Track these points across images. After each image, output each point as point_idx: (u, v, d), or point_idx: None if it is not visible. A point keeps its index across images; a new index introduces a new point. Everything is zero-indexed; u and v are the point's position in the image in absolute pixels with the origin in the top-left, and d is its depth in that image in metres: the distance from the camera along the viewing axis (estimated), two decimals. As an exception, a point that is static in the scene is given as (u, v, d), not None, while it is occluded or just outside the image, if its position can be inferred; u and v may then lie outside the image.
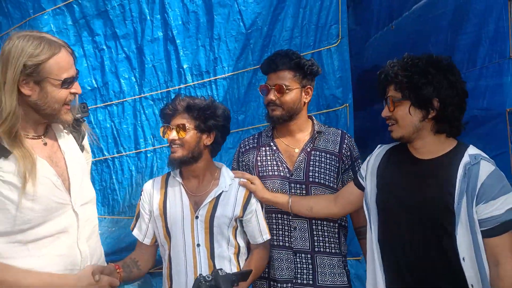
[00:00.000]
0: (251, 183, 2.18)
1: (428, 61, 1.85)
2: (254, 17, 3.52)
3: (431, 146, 1.87)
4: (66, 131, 1.88)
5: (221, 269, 1.87)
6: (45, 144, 1.76)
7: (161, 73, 3.71)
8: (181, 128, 2.01)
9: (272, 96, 2.24)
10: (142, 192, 2.17)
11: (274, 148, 2.34)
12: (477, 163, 1.75)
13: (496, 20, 3.38)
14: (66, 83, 1.68)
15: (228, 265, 2.04)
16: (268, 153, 2.35)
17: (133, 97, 3.77)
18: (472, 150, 1.84)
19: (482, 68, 3.56)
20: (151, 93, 3.74)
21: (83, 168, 1.88)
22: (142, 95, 3.75)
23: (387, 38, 5.33)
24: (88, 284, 1.70)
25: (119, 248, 3.63)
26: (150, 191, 2.14)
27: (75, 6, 3.65)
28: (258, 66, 3.59)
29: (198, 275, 1.88)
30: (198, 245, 2.03)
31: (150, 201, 2.13)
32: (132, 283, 3.70)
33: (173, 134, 2.00)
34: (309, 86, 2.32)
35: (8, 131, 1.60)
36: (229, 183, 2.11)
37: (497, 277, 1.69)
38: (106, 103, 3.83)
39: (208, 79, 3.65)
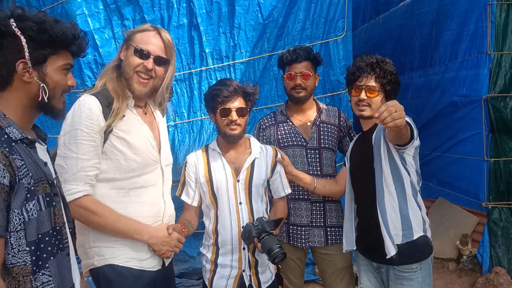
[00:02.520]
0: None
1: (391, 63, 2.43)
2: (271, 9, 3.97)
3: (374, 120, 2.39)
4: (156, 107, 2.32)
5: (264, 217, 2.38)
6: (145, 113, 2.21)
7: (184, 56, 4.11)
8: (243, 110, 2.41)
9: (299, 81, 2.78)
10: (187, 164, 2.54)
11: (291, 124, 2.90)
12: None
13: (476, 21, 3.99)
14: (138, 52, 2.05)
15: None
16: (285, 128, 2.90)
17: (157, 77, 4.17)
18: None
19: (463, 61, 4.18)
20: (174, 74, 4.14)
21: (167, 137, 2.34)
22: (167, 75, 4.15)
23: (374, 30, 5.89)
24: (163, 236, 2.14)
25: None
26: (195, 162, 2.52)
27: (108, -7, 3.99)
28: (273, 53, 4.07)
29: (246, 224, 2.37)
30: (240, 203, 2.46)
31: (196, 170, 2.51)
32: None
33: (235, 115, 2.38)
34: (317, 73, 2.90)
35: (108, 77, 2.08)
36: (259, 151, 2.57)
37: None
38: (132, 82, 4.20)
39: (227, 63, 4.10)
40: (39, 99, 1.56)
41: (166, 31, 2.18)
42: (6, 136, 1.50)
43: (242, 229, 2.36)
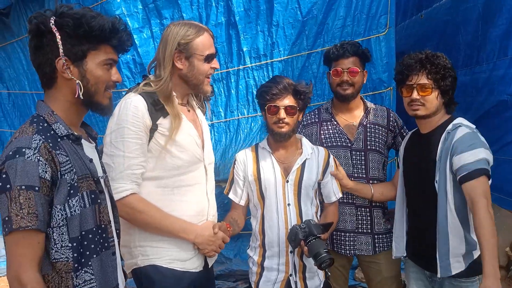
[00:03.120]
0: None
1: (444, 57, 2.30)
2: (310, 6, 3.87)
3: (433, 122, 2.31)
4: (197, 105, 2.30)
5: (311, 220, 2.30)
6: (189, 110, 2.19)
7: (222, 55, 4.06)
8: (292, 109, 2.36)
9: (346, 77, 2.67)
10: (236, 161, 2.51)
11: (335, 123, 2.79)
12: (455, 129, 2.20)
13: (528, 15, 3.77)
14: (208, 58, 2.09)
15: None
16: (330, 127, 2.79)
17: (195, 76, 4.13)
18: (456, 120, 2.27)
19: (513, 58, 3.96)
20: (212, 73, 4.11)
21: (209, 135, 2.31)
22: (204, 74, 4.11)
23: (416, 27, 5.69)
24: (209, 235, 2.11)
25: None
26: (244, 160, 2.50)
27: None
28: (312, 51, 3.97)
29: (292, 225, 2.30)
30: (289, 204, 2.40)
31: (245, 168, 2.48)
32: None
33: (283, 114, 2.34)
34: (365, 70, 2.77)
35: (163, 92, 2.03)
36: (310, 152, 2.49)
37: (475, 216, 2.02)
38: (170, 81, 4.18)
39: (265, 62, 4.02)
40: (76, 95, 1.55)
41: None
42: (52, 132, 1.52)
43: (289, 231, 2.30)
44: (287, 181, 2.41)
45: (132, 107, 1.96)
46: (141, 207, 1.97)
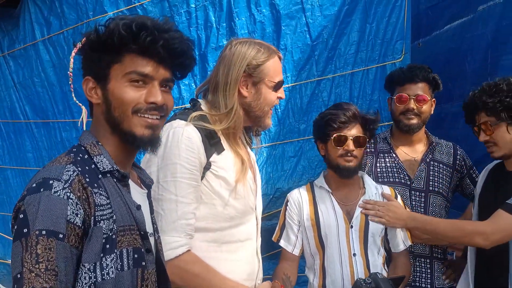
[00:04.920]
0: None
1: (508, 83, 2.01)
2: (320, 29, 3.59)
3: None
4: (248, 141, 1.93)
5: (379, 273, 1.92)
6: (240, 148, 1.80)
7: (223, 81, 3.70)
8: (361, 140, 2.05)
9: (412, 105, 2.35)
10: (288, 202, 2.15)
11: (394, 155, 2.44)
12: None
13: (545, 43, 3.60)
14: (277, 86, 1.76)
15: None
16: (387, 159, 2.45)
17: (192, 104, 3.74)
18: None
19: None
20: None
21: (260, 179, 1.93)
22: (203, 102, 3.73)
23: (414, 56, 5.54)
24: None
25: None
26: (299, 201, 2.14)
27: (139, 10, 3.59)
28: (322, 77, 3.67)
29: (356, 279, 1.92)
30: (354, 254, 2.05)
31: (300, 211, 2.12)
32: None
33: (352, 145, 2.02)
34: (434, 99, 2.45)
35: (227, 129, 1.67)
36: (374, 192, 2.14)
37: None
38: (164, 109, 3.77)
39: (271, 89, 3.68)
40: (79, 124, 1.32)
41: None
42: (93, 166, 1.15)
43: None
44: (351, 227, 2.08)
45: (185, 139, 1.58)
46: (197, 268, 1.57)
